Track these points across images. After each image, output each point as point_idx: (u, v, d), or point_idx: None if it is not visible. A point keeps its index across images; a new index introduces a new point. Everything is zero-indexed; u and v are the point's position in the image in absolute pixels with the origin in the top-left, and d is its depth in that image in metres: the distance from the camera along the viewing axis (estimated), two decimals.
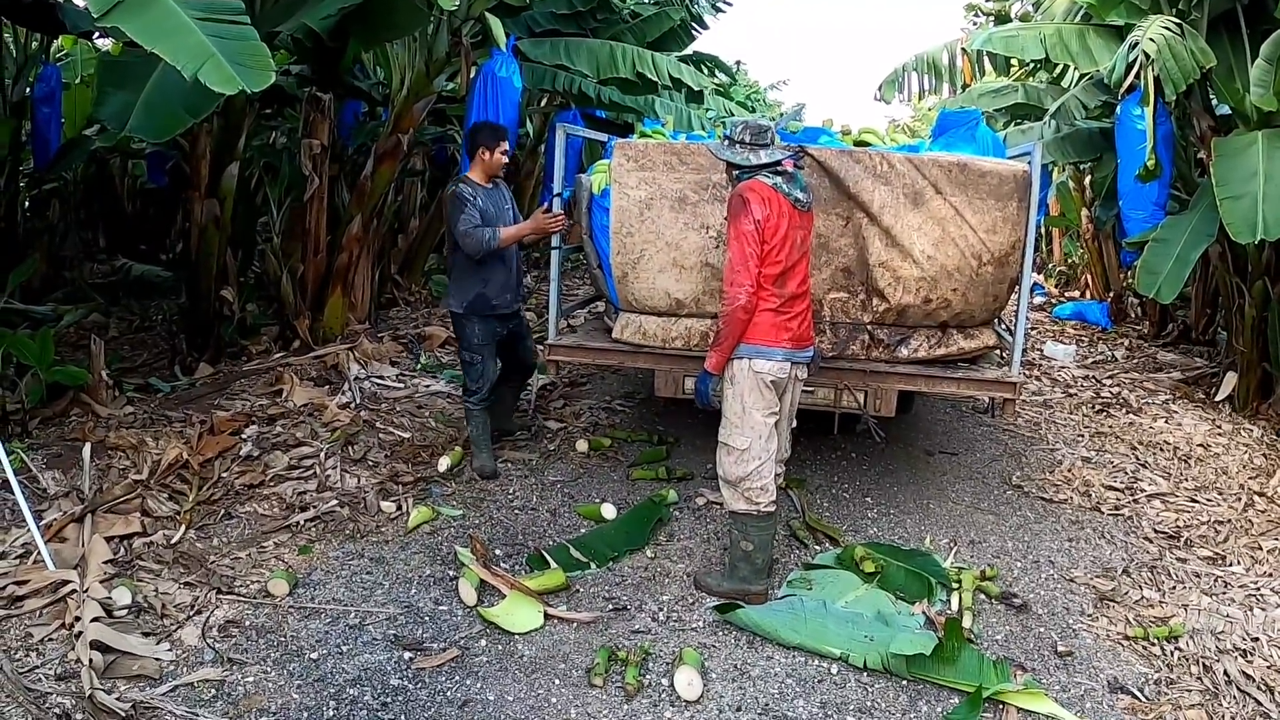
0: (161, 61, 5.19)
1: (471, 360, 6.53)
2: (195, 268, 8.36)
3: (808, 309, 5.04)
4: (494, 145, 6.41)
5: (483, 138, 6.46)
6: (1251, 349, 8.95)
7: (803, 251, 4.98)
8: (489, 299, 6.40)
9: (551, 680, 4.32)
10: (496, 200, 6.47)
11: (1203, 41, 7.91)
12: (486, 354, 6.54)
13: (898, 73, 10.82)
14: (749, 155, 4.90)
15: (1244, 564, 5.84)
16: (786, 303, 4.87)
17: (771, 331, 4.85)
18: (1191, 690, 4.50)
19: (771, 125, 5.02)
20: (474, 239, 6.14)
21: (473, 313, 6.41)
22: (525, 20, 10.43)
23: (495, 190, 6.52)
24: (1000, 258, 5.85)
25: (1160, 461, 7.64)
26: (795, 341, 4.92)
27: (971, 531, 6.16)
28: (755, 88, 36.36)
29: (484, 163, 6.43)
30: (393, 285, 12.06)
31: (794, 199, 4.87)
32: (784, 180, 4.89)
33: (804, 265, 5.00)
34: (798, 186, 4.95)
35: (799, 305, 4.94)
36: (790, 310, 4.89)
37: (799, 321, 4.94)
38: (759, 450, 4.92)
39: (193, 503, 5.71)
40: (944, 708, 4.27)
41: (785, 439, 5.29)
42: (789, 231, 4.82)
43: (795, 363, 4.99)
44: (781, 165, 4.93)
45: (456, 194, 6.27)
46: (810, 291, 5.11)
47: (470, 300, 6.39)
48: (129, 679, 4.12)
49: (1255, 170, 7.07)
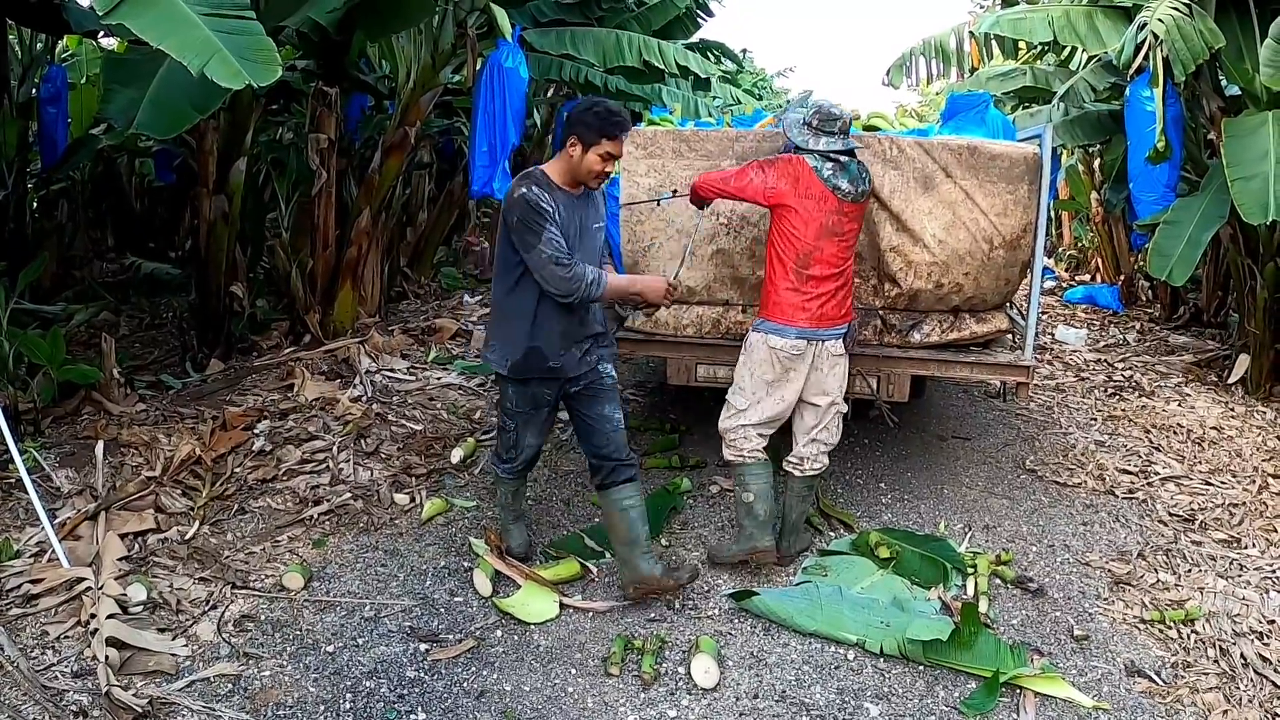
0: (167, 58, 5.18)
1: (504, 425, 5.06)
2: (204, 264, 8.36)
3: (837, 291, 5.10)
4: (593, 141, 4.47)
5: (583, 126, 4.49)
6: (1264, 331, 8.90)
7: (840, 238, 5.05)
8: (544, 356, 4.69)
9: (568, 670, 4.32)
10: (579, 215, 4.66)
11: (1211, 22, 7.85)
12: (523, 423, 4.97)
13: (905, 57, 10.75)
14: (808, 138, 5.03)
15: (1259, 546, 5.81)
16: (807, 283, 4.98)
17: (788, 310, 5.01)
18: (1208, 673, 4.49)
19: (845, 116, 5.08)
20: (566, 278, 4.44)
21: (517, 375, 4.77)
22: (530, 10, 10.41)
23: (581, 201, 4.69)
24: (1011, 241, 5.83)
25: (1174, 444, 7.61)
26: (816, 321, 5.01)
27: (986, 516, 6.14)
28: (762, 74, 36.26)
29: (570, 161, 4.54)
30: (402, 278, 12.06)
31: (833, 186, 4.95)
32: (831, 167, 4.98)
33: (837, 250, 5.05)
34: (846, 176, 5.01)
35: (825, 286, 5.02)
36: (810, 291, 4.99)
37: (822, 302, 5.02)
38: (753, 414, 5.17)
39: (206, 498, 5.72)
40: (961, 693, 4.26)
41: (830, 425, 5.30)
42: (816, 215, 4.94)
43: (816, 340, 5.06)
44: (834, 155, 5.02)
45: (529, 200, 4.42)
46: (848, 276, 5.18)
47: (518, 359, 4.70)
48: (145, 675, 4.13)
49: (1266, 151, 7.02)
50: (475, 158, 8.86)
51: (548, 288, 4.47)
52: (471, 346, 9.60)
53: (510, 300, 4.68)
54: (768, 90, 34.98)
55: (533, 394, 4.82)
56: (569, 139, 4.51)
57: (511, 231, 4.51)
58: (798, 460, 5.30)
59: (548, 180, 4.56)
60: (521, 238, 4.45)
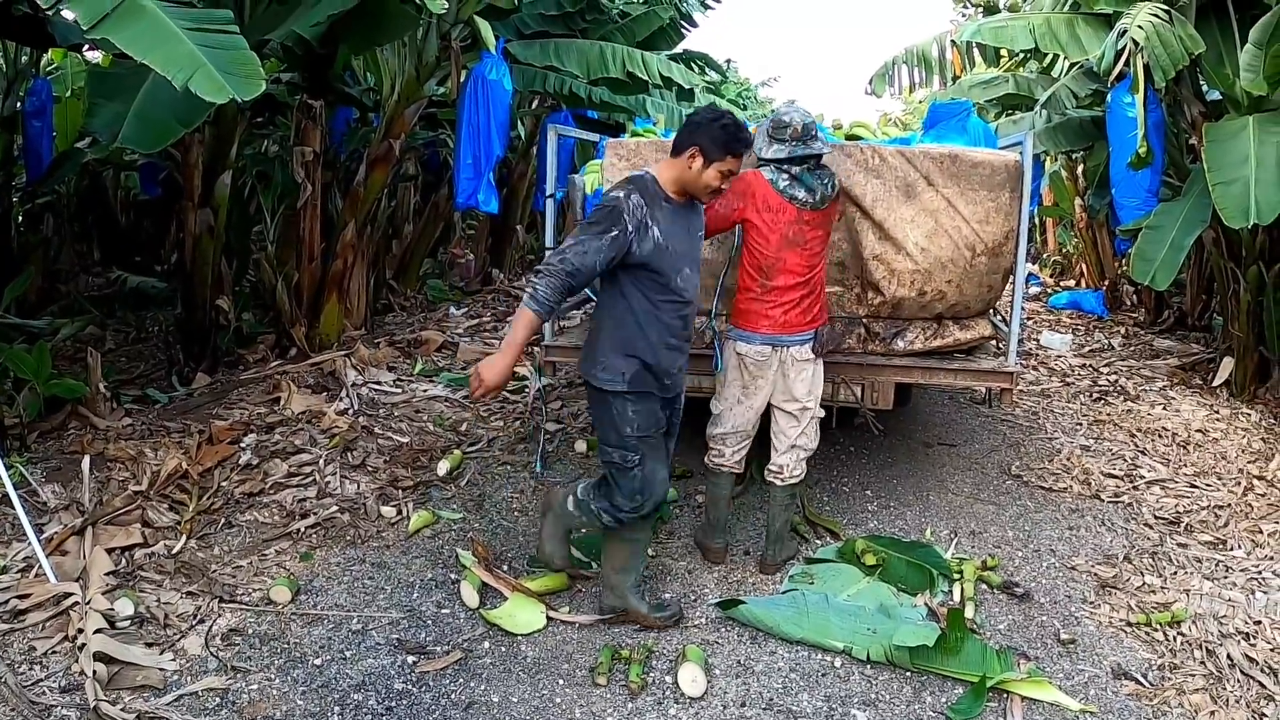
0: (152, 72, 5.18)
1: (623, 463, 4.43)
2: (190, 278, 8.36)
3: (803, 299, 5.12)
4: (717, 156, 4.26)
5: (708, 140, 4.25)
6: (1247, 334, 8.96)
7: (803, 246, 5.07)
8: (657, 372, 4.44)
9: (555, 680, 4.32)
10: (684, 224, 4.44)
11: (1191, 28, 7.91)
12: (650, 450, 4.47)
13: (888, 66, 10.81)
14: (763, 147, 5.10)
15: (1245, 548, 5.84)
16: (771, 292, 5.06)
17: (752, 319, 5.13)
18: (1195, 675, 4.51)
19: (797, 121, 5.06)
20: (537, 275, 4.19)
21: (635, 389, 4.40)
22: (514, 22, 10.44)
23: (685, 209, 4.47)
24: (994, 248, 5.86)
25: (1159, 448, 7.65)
26: (781, 327, 5.07)
27: (972, 522, 6.17)
28: (746, 85, 36.38)
29: (687, 172, 4.31)
30: (388, 291, 12.06)
31: (789, 196, 4.98)
32: (787, 177, 5.01)
33: (800, 259, 5.07)
34: (803, 186, 5.02)
35: (789, 295, 5.06)
36: (774, 300, 5.06)
37: (786, 310, 5.07)
38: (728, 419, 5.28)
39: (193, 512, 5.71)
40: (948, 698, 4.27)
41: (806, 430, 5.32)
42: (776, 226, 4.99)
43: (781, 346, 5.12)
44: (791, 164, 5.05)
45: (616, 205, 4.19)
46: (815, 283, 5.19)
47: (634, 371, 4.38)
48: (133, 690, 4.12)
49: (1247, 155, 7.07)
50: (460, 170, 8.89)
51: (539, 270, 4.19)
52: (458, 359, 9.61)
53: (619, 307, 4.38)
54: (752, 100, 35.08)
55: (654, 411, 4.47)
56: (689, 148, 4.26)
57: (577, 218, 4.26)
58: (778, 469, 5.33)
59: (656, 189, 4.34)
60: (583, 225, 4.26)
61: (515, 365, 4.17)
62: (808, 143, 5.04)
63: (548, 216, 6.59)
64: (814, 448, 5.39)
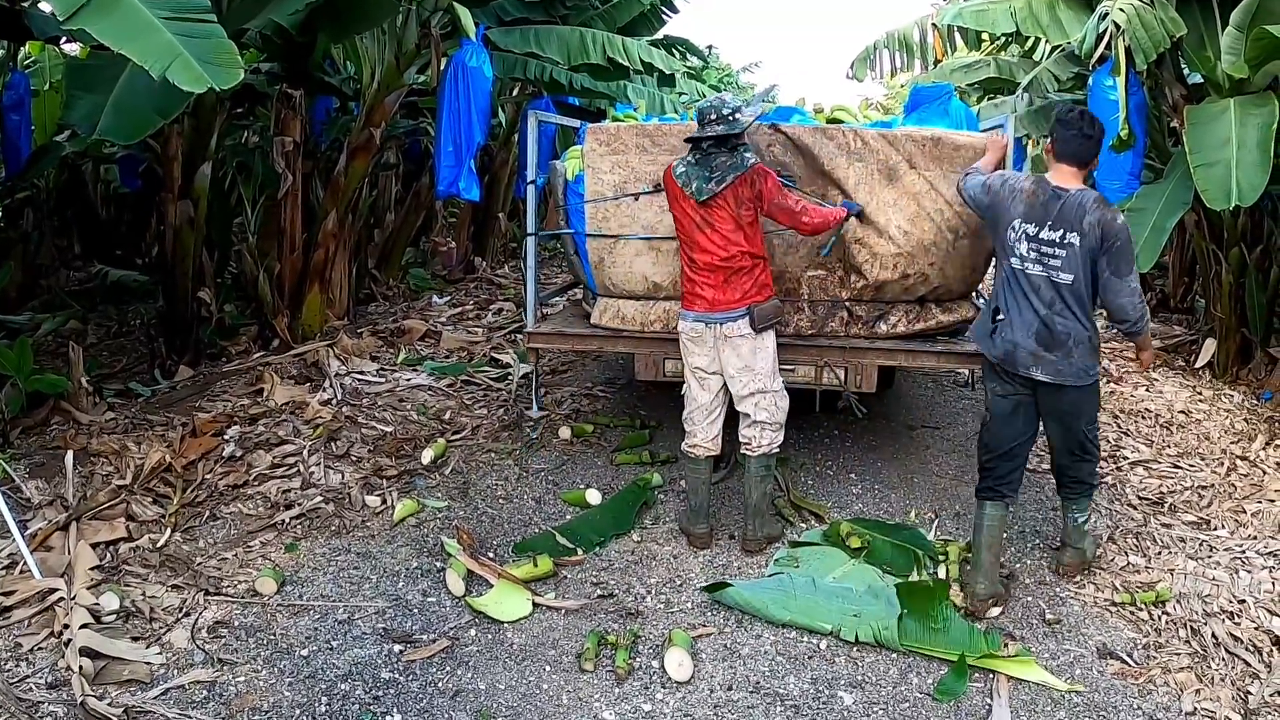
0: (129, 63, 5.15)
1: (1096, 441, 5.16)
2: (171, 270, 8.32)
3: (730, 277, 5.22)
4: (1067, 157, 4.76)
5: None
6: (1229, 315, 8.99)
7: (711, 228, 5.19)
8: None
9: (542, 667, 4.33)
10: None
11: (1173, 11, 7.90)
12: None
13: (869, 50, 10.79)
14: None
15: (1228, 527, 5.87)
16: (698, 273, 5.27)
17: (688, 299, 5.37)
18: (1180, 653, 4.55)
19: (714, 106, 5.19)
20: (1142, 306, 4.82)
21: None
22: (494, 9, 10.38)
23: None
24: (976, 230, 5.86)
25: (1142, 429, 7.68)
26: (710, 306, 5.24)
27: (956, 504, 6.18)
28: (728, 70, 36.32)
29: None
30: (370, 280, 12.01)
31: (683, 184, 5.19)
32: (693, 168, 5.19)
33: (712, 241, 5.19)
34: (701, 174, 5.14)
35: (713, 276, 5.22)
36: (700, 280, 5.27)
37: (714, 289, 5.23)
38: (690, 401, 5.52)
39: (177, 505, 5.69)
40: (934, 679, 4.30)
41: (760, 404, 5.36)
42: (684, 214, 5.27)
43: (713, 324, 5.25)
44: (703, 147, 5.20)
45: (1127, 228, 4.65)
46: (741, 261, 5.20)
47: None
48: (120, 684, 4.12)
49: (1228, 137, 7.08)
50: (441, 158, 8.84)
51: (1130, 314, 4.71)
52: (441, 347, 9.60)
53: (1092, 317, 4.80)
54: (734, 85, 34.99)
55: None
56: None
57: (1112, 254, 4.57)
58: (745, 441, 5.43)
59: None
60: (1122, 262, 4.59)
61: None
62: (703, 126, 5.16)
63: (529, 203, 6.58)
64: (779, 420, 5.41)
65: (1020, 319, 4.76)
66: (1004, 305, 4.84)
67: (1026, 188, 4.74)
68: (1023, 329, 4.75)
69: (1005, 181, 4.88)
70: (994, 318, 4.88)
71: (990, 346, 4.90)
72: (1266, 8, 7.04)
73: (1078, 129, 4.69)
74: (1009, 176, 4.93)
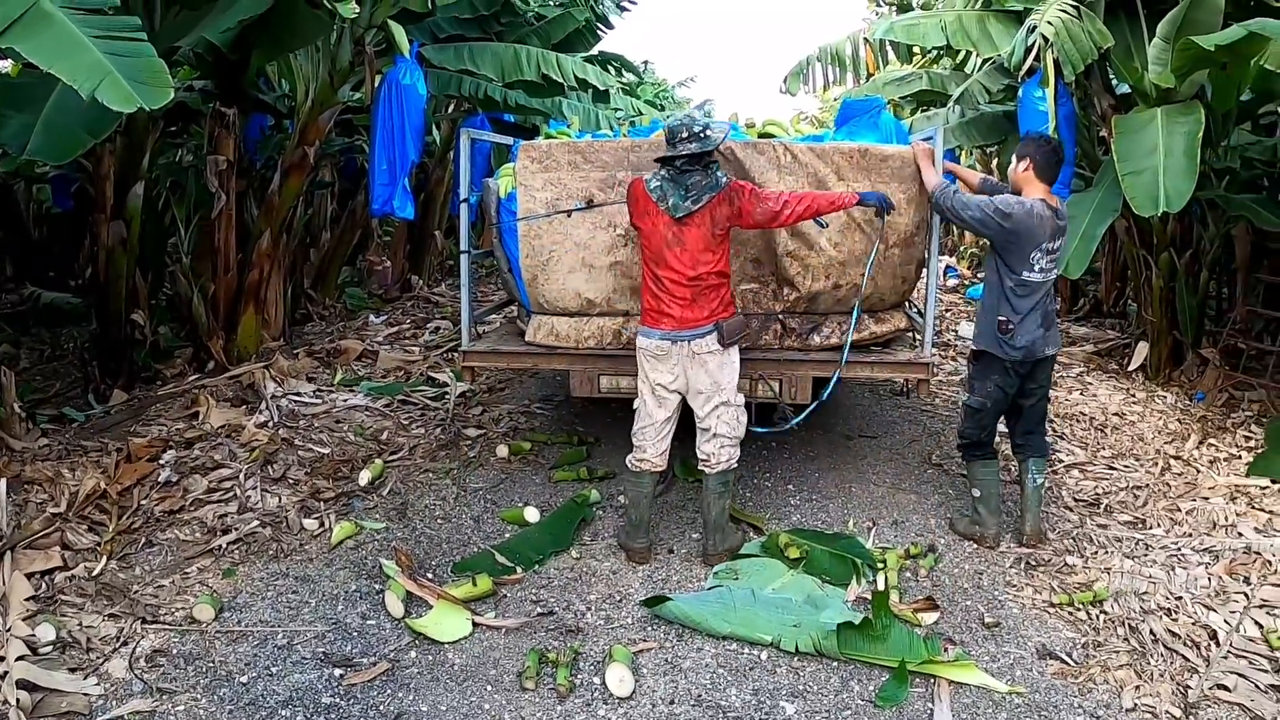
0: (59, 82, 5.10)
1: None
2: (104, 292, 8.21)
3: (698, 296, 5.24)
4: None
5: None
6: (1161, 319, 9.15)
7: (681, 247, 5.21)
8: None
9: (483, 687, 4.32)
10: None
11: (1100, 23, 8.05)
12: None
13: (802, 65, 10.90)
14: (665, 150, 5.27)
15: (1164, 526, 5.99)
16: (664, 290, 5.26)
17: (653, 316, 5.34)
18: (1119, 651, 4.62)
19: (684, 124, 5.21)
20: None
21: None
22: (429, 26, 10.38)
23: None
24: (906, 239, 5.95)
25: (1077, 432, 7.79)
26: (678, 324, 5.25)
27: (894, 512, 6.24)
28: (663, 85, 36.47)
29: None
30: (306, 300, 11.94)
31: (659, 199, 5.21)
32: (667, 184, 5.21)
33: (680, 259, 5.21)
34: (677, 193, 5.17)
35: (681, 292, 5.23)
36: (666, 297, 5.25)
37: (682, 307, 5.24)
38: (641, 415, 5.48)
39: (113, 533, 5.61)
40: (875, 686, 4.33)
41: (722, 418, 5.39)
42: (655, 230, 5.25)
43: (680, 341, 5.26)
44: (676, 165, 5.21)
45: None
46: (709, 280, 5.24)
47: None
48: (58, 717, 4.06)
49: (1155, 145, 7.20)
50: (375, 176, 8.82)
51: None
52: (378, 367, 9.55)
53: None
54: (669, 101, 35.16)
55: None
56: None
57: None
58: (704, 457, 5.44)
59: None
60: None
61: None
62: (675, 145, 5.18)
63: (462, 221, 6.56)
64: (739, 435, 5.46)
65: (1031, 317, 5.41)
66: (1012, 312, 5.42)
67: (1043, 213, 5.30)
68: (1033, 322, 5.42)
69: (1028, 210, 5.30)
70: (1002, 328, 5.44)
71: (1010, 351, 5.46)
72: (1192, 19, 7.17)
73: (1057, 156, 5.49)
74: (1024, 204, 5.33)
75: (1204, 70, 7.39)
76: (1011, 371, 5.53)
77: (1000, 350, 5.48)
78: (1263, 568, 5.34)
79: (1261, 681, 4.36)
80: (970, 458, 5.88)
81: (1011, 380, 5.57)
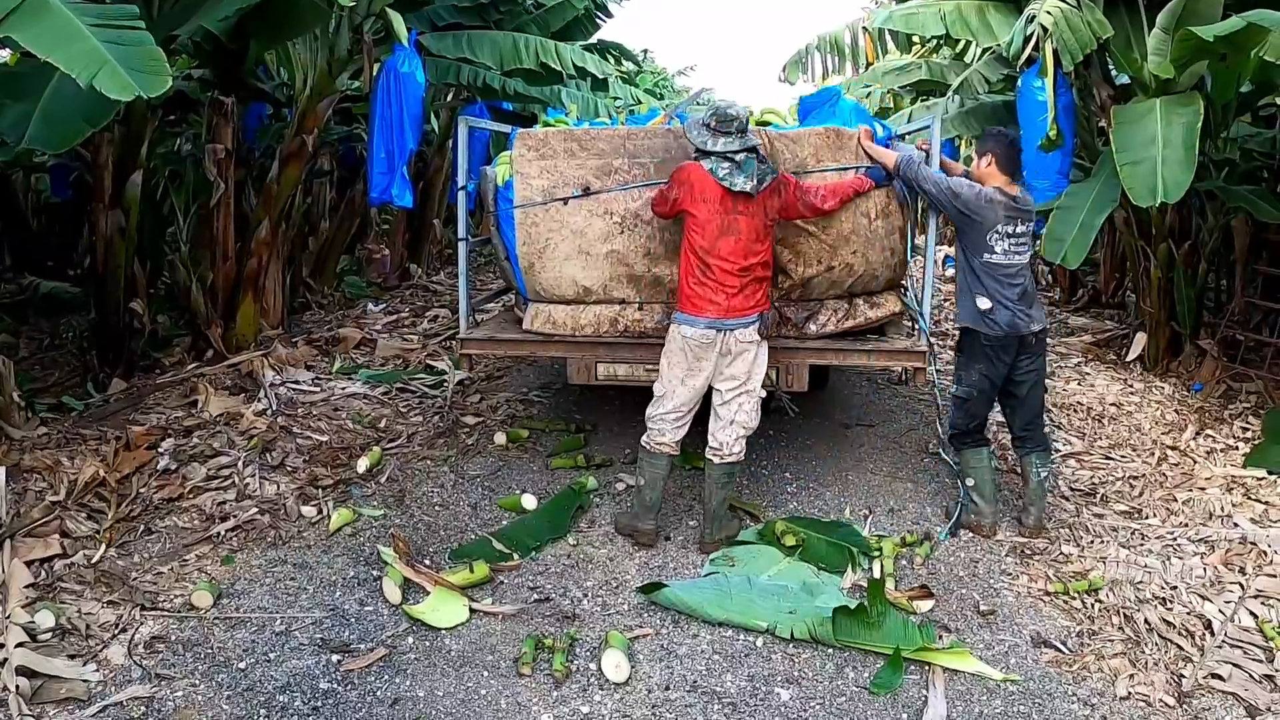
0: (57, 71, 5.09)
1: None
2: (103, 281, 8.21)
3: (745, 285, 5.31)
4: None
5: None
6: (1159, 310, 9.17)
7: (736, 236, 5.26)
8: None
9: (480, 673, 4.33)
10: None
11: (1099, 13, 8.04)
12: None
13: (801, 54, 10.88)
14: (706, 140, 5.30)
15: (1160, 516, 6.01)
16: (711, 279, 5.24)
17: (698, 304, 5.31)
18: (1114, 640, 4.64)
19: (741, 115, 5.31)
20: None
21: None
22: (427, 14, 10.37)
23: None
24: (883, 209, 6.07)
25: (1075, 422, 7.80)
26: (724, 312, 5.26)
27: (891, 500, 6.27)
28: (663, 74, 36.47)
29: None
30: (305, 288, 11.92)
31: (729, 184, 5.21)
32: (728, 167, 5.23)
33: (734, 248, 5.26)
34: (742, 174, 5.23)
35: (730, 281, 5.26)
36: (715, 285, 5.25)
37: (729, 295, 5.27)
38: (670, 399, 5.44)
39: (112, 520, 5.62)
40: (870, 673, 4.35)
41: (744, 407, 5.44)
42: (713, 216, 5.22)
43: (725, 330, 5.28)
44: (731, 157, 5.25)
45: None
46: (756, 270, 5.34)
47: None
48: (57, 703, 4.06)
49: (1154, 136, 7.20)
50: (374, 164, 8.82)
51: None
52: (376, 355, 9.56)
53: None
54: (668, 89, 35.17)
55: None
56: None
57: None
58: (717, 446, 5.44)
59: None
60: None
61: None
62: (733, 135, 5.25)
63: (460, 209, 6.57)
64: (754, 426, 5.49)
65: (1007, 294, 5.52)
66: (986, 290, 5.55)
67: (996, 198, 5.48)
68: (1011, 300, 5.52)
69: (977, 193, 5.50)
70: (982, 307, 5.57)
71: (992, 326, 5.56)
72: (1191, 9, 7.16)
73: (1016, 148, 5.70)
74: (975, 188, 5.53)
75: (1203, 61, 7.40)
76: (996, 356, 5.59)
77: (984, 325, 5.58)
78: (1258, 558, 5.37)
79: (1255, 671, 4.39)
80: (960, 446, 5.89)
81: (997, 367, 5.62)
